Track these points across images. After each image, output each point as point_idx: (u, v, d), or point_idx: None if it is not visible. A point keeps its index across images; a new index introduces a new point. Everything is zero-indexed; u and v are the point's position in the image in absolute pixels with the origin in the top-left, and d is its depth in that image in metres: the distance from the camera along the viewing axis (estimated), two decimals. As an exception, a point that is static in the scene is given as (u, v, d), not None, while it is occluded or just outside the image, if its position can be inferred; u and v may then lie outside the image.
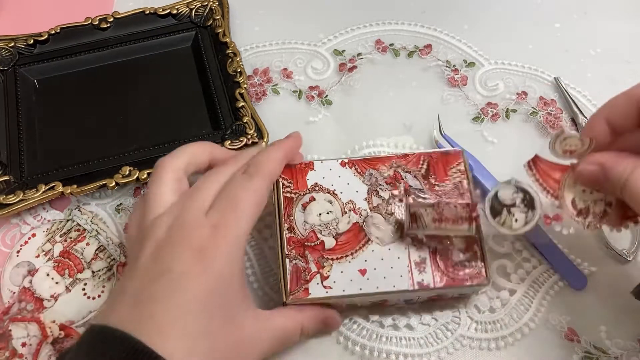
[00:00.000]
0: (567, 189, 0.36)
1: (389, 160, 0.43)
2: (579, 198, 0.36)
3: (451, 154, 0.43)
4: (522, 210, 0.36)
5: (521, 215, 0.36)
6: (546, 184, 0.37)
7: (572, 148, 0.36)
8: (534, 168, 0.37)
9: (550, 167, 0.37)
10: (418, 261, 0.39)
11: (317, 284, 0.39)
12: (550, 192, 0.37)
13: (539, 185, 0.37)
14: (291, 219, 0.41)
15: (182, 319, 0.32)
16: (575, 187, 0.36)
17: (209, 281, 0.34)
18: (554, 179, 0.37)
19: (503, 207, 0.37)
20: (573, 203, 0.36)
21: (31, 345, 0.43)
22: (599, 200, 0.36)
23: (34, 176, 0.49)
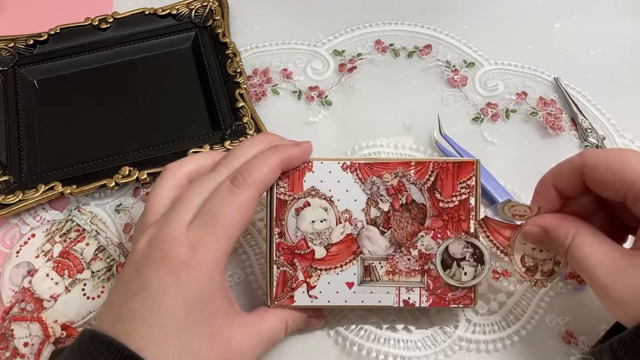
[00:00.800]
0: (517, 246, 0.38)
1: (395, 167, 0.39)
2: (529, 256, 0.38)
3: (465, 164, 0.39)
4: (472, 264, 0.38)
5: (470, 269, 0.38)
6: (496, 241, 0.38)
7: (521, 213, 0.37)
8: (484, 226, 0.38)
9: (500, 225, 0.38)
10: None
11: (303, 292, 0.39)
12: (499, 248, 0.38)
13: (489, 242, 0.38)
14: (283, 224, 0.39)
15: (160, 337, 0.32)
16: (525, 245, 0.38)
17: (186, 300, 0.33)
18: (504, 236, 0.38)
19: (453, 260, 0.38)
20: (522, 260, 0.38)
21: (33, 345, 0.43)
22: (548, 260, 0.37)
23: (34, 176, 0.49)
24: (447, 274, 0.38)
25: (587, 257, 0.32)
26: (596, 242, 0.33)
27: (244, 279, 0.45)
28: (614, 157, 0.33)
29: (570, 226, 0.34)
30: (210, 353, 0.34)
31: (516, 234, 0.38)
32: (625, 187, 0.32)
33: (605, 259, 0.31)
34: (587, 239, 0.33)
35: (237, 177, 0.36)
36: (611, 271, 0.31)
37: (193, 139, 0.51)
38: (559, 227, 0.34)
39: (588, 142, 0.50)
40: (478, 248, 0.38)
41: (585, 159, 0.34)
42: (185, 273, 0.33)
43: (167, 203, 0.37)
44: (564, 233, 0.34)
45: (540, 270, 0.37)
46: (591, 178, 0.34)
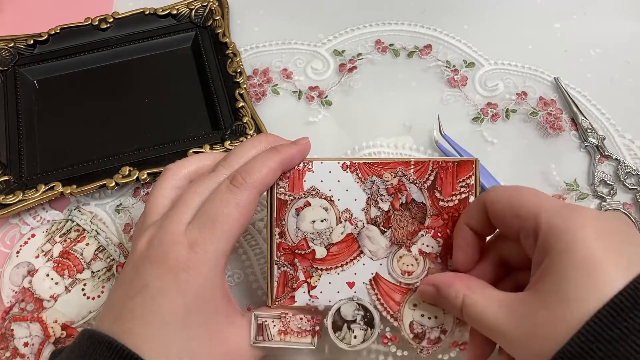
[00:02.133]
0: (406, 312, 0.38)
1: (395, 166, 0.39)
2: (417, 322, 0.38)
3: (464, 163, 0.39)
4: (362, 327, 0.38)
5: (360, 332, 0.38)
6: (386, 304, 0.38)
7: (410, 269, 0.38)
8: (376, 287, 0.39)
9: (390, 287, 0.39)
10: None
11: (304, 292, 0.39)
12: (389, 312, 0.38)
13: (380, 305, 0.38)
14: (283, 224, 0.39)
15: (160, 337, 0.32)
16: (415, 311, 0.38)
17: (186, 301, 0.33)
18: (394, 300, 0.38)
19: (344, 322, 0.38)
20: (411, 326, 0.38)
21: (33, 345, 0.43)
22: (436, 327, 0.38)
23: (34, 176, 0.49)
24: (337, 337, 0.38)
25: (483, 313, 0.32)
26: (487, 296, 0.32)
27: (244, 279, 0.45)
28: (512, 192, 0.34)
29: (461, 284, 0.34)
30: (210, 353, 0.34)
31: (406, 299, 0.38)
32: (518, 223, 0.33)
33: (500, 309, 0.31)
34: (479, 295, 0.33)
35: (236, 178, 0.36)
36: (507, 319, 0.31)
37: (193, 139, 0.51)
38: (450, 285, 0.34)
39: (588, 142, 0.50)
40: (369, 311, 0.38)
41: (488, 195, 0.35)
42: (185, 273, 0.33)
43: (167, 203, 0.37)
44: (453, 292, 0.34)
45: (427, 337, 0.37)
46: (492, 213, 0.34)
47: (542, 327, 0.29)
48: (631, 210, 0.47)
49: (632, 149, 0.50)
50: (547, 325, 0.29)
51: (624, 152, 0.50)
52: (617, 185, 0.48)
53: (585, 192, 0.48)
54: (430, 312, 0.38)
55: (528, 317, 0.30)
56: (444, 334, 0.38)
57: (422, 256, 0.38)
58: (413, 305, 0.38)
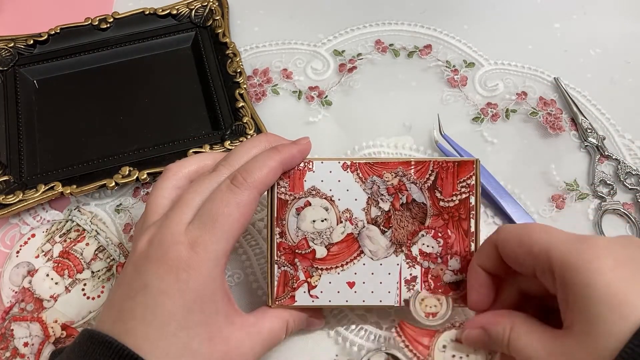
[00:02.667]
0: (437, 354, 0.37)
1: (395, 166, 0.39)
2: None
3: (464, 163, 0.39)
4: None
5: None
6: (415, 350, 0.38)
7: (433, 310, 0.38)
8: (402, 334, 0.38)
9: (417, 332, 0.38)
10: (408, 279, 0.39)
11: (304, 292, 0.39)
12: (419, 357, 0.37)
13: (409, 352, 0.38)
14: (283, 224, 0.39)
15: (160, 336, 0.32)
16: (445, 353, 0.37)
17: (186, 300, 0.33)
18: (423, 344, 0.38)
19: None
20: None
21: (33, 345, 0.43)
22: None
23: (34, 176, 0.49)
24: None
25: (526, 348, 0.32)
26: (531, 330, 0.32)
27: (244, 279, 0.45)
28: (522, 231, 0.33)
29: (505, 320, 0.34)
30: (210, 353, 0.34)
31: (434, 342, 0.37)
32: (532, 260, 0.32)
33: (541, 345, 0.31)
34: (523, 329, 0.33)
35: (237, 177, 0.36)
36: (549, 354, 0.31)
37: (193, 139, 0.51)
38: (496, 323, 0.34)
39: (588, 142, 0.50)
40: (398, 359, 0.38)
41: (499, 234, 0.35)
42: (185, 273, 0.33)
43: (168, 203, 0.37)
44: (501, 328, 0.33)
45: None
46: (504, 254, 0.34)
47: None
48: (631, 210, 0.47)
49: (632, 149, 0.50)
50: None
51: (624, 152, 0.50)
52: (617, 185, 0.48)
53: (585, 192, 0.48)
54: (460, 351, 0.37)
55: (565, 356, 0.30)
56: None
57: (444, 296, 0.38)
58: (442, 347, 0.37)
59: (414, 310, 0.38)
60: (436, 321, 0.38)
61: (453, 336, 0.37)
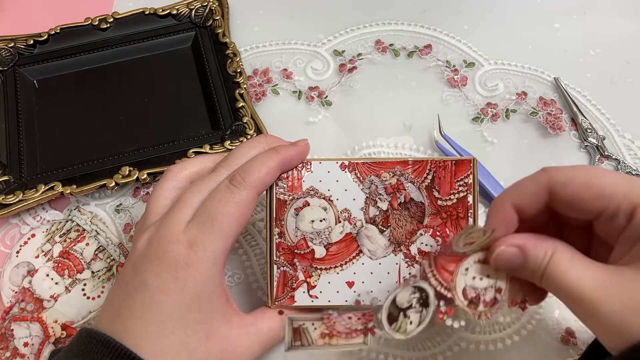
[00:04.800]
0: (459, 278, 0.35)
1: (393, 166, 0.39)
2: (470, 287, 0.34)
3: (462, 163, 0.39)
4: (417, 310, 0.34)
5: (415, 316, 0.34)
6: (441, 277, 0.35)
7: (473, 240, 0.34)
8: (433, 265, 0.35)
9: (447, 260, 0.35)
10: (407, 278, 0.39)
11: (304, 292, 0.39)
12: (443, 285, 0.35)
13: (435, 280, 0.35)
14: (282, 224, 0.39)
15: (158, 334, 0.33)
16: (466, 275, 0.35)
17: (184, 299, 0.33)
18: (448, 270, 0.35)
19: (400, 311, 0.34)
20: (464, 292, 0.34)
21: (33, 345, 0.43)
22: (489, 288, 0.34)
23: (34, 176, 0.49)
24: (393, 329, 0.34)
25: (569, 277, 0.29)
26: (577, 258, 0.30)
27: (244, 279, 0.45)
28: (587, 173, 0.31)
29: (547, 244, 0.31)
30: (208, 351, 0.34)
31: (459, 266, 0.35)
32: (601, 204, 0.30)
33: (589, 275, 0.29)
34: (566, 255, 0.30)
35: (235, 177, 0.36)
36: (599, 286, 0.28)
37: (193, 139, 0.51)
38: (536, 245, 0.31)
39: (588, 142, 0.50)
40: (424, 290, 0.35)
41: (554, 176, 0.32)
42: (184, 271, 0.33)
43: (168, 204, 0.38)
44: (542, 252, 0.30)
45: (482, 300, 0.34)
46: (562, 196, 0.31)
47: None
48: (631, 210, 0.47)
49: (632, 149, 0.50)
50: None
51: (624, 152, 0.50)
52: (617, 185, 0.48)
53: (585, 192, 0.48)
54: (481, 272, 0.34)
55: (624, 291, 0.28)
56: (499, 292, 0.34)
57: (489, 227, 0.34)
58: (465, 270, 0.34)
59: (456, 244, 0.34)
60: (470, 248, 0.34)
61: (477, 258, 0.34)
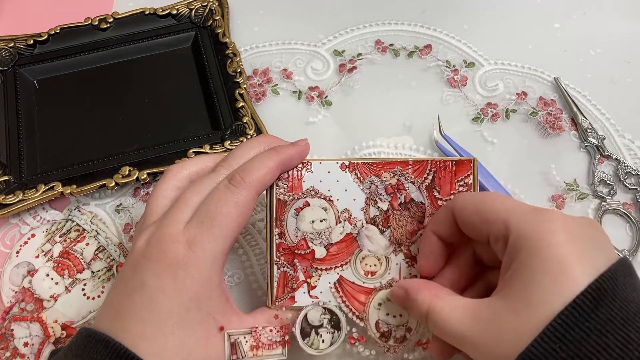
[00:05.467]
0: (371, 311, 0.38)
1: (393, 166, 0.40)
2: (383, 321, 0.38)
3: (462, 163, 0.39)
4: (329, 331, 0.38)
5: (327, 336, 0.38)
6: (352, 305, 0.39)
7: (372, 269, 0.39)
8: (340, 290, 0.39)
9: (355, 289, 0.39)
10: (408, 278, 0.39)
11: (304, 292, 0.39)
12: (355, 313, 0.39)
13: (345, 307, 0.39)
14: (282, 224, 0.39)
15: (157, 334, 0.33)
16: (380, 311, 0.38)
17: (183, 299, 0.33)
18: (359, 301, 0.39)
19: (312, 328, 0.38)
20: (377, 325, 0.38)
21: (33, 345, 0.43)
22: (401, 326, 0.38)
23: (34, 176, 0.49)
24: (306, 343, 0.38)
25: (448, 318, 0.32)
26: (454, 303, 0.33)
27: (244, 279, 0.45)
28: (479, 199, 0.34)
29: (428, 291, 0.34)
30: (207, 351, 0.34)
31: (371, 299, 0.39)
32: (487, 228, 0.33)
33: (466, 315, 0.32)
34: (445, 301, 0.33)
35: (235, 177, 0.36)
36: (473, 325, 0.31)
37: (193, 139, 0.51)
38: (418, 290, 0.35)
39: (588, 142, 0.50)
40: (335, 314, 0.38)
41: (455, 202, 0.35)
42: (183, 271, 0.33)
43: (167, 203, 0.38)
44: (421, 297, 0.34)
45: (393, 336, 0.38)
46: (460, 220, 0.35)
47: (507, 332, 0.29)
48: (631, 210, 0.47)
49: (632, 149, 0.50)
50: (512, 330, 0.29)
51: (624, 152, 0.50)
52: (617, 185, 0.48)
53: (585, 192, 0.48)
54: (394, 310, 0.38)
55: (493, 322, 0.30)
56: (409, 332, 0.38)
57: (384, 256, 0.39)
58: (378, 305, 0.39)
59: (354, 269, 0.39)
60: (374, 280, 0.39)
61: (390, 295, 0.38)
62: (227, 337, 0.36)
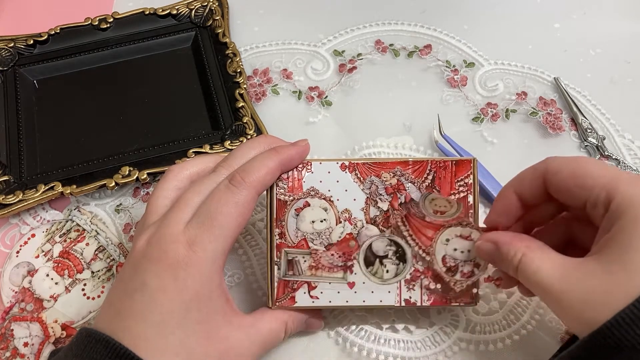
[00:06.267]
0: (438, 246, 0.38)
1: (393, 166, 0.39)
2: (450, 256, 0.38)
3: (462, 163, 0.39)
4: (394, 262, 0.39)
5: (392, 267, 0.39)
6: (418, 240, 0.39)
7: (442, 209, 0.39)
8: (407, 224, 0.39)
9: (423, 224, 0.39)
10: (408, 278, 0.39)
11: (304, 293, 0.39)
12: (422, 247, 0.39)
13: (412, 240, 0.39)
14: (283, 225, 0.39)
15: (157, 334, 0.33)
16: (447, 246, 0.38)
17: (184, 299, 0.33)
18: (427, 236, 0.39)
19: (376, 257, 0.39)
20: (443, 260, 0.39)
21: (33, 345, 0.43)
22: (469, 261, 0.38)
23: (34, 176, 0.49)
24: (370, 271, 0.38)
25: (538, 271, 0.32)
26: (545, 256, 0.33)
27: (244, 279, 0.45)
28: (575, 163, 0.34)
29: (519, 243, 0.34)
30: (207, 352, 0.34)
31: (439, 235, 0.39)
32: (584, 193, 0.33)
33: (555, 270, 0.31)
34: (536, 254, 0.33)
35: (235, 177, 0.36)
36: (561, 281, 0.31)
37: (193, 139, 0.51)
38: (509, 243, 0.34)
39: (588, 142, 0.50)
40: (401, 246, 0.38)
41: (548, 165, 0.35)
42: (183, 271, 0.33)
43: (168, 204, 0.38)
44: (513, 250, 0.34)
45: (460, 271, 0.38)
46: (553, 184, 0.34)
47: (599, 294, 0.29)
48: (631, 210, 0.47)
49: (632, 149, 0.50)
50: (605, 292, 0.29)
51: (624, 152, 0.50)
52: (617, 186, 0.48)
53: (585, 192, 0.48)
54: (463, 246, 0.38)
55: (585, 282, 0.30)
56: (477, 267, 0.38)
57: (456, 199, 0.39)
58: (446, 240, 0.38)
59: (423, 207, 0.39)
60: (444, 217, 0.38)
61: (458, 232, 0.38)
62: (285, 254, 0.38)
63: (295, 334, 0.41)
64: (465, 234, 0.38)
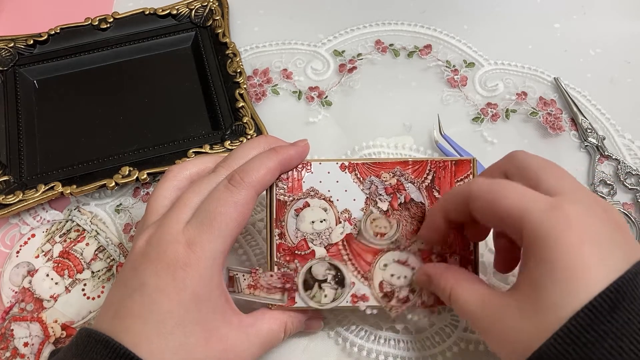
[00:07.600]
0: (376, 271, 0.39)
1: (393, 166, 0.39)
2: (387, 282, 0.39)
3: (462, 163, 0.39)
4: (332, 286, 0.39)
5: (331, 292, 0.39)
6: (357, 264, 0.39)
7: (382, 231, 0.39)
8: (348, 247, 0.39)
9: (362, 249, 0.39)
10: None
11: None
12: (360, 272, 0.39)
13: (351, 265, 0.39)
14: (283, 225, 0.39)
15: (157, 334, 0.33)
16: (385, 271, 0.39)
17: (183, 299, 0.33)
18: (366, 260, 0.39)
19: (315, 281, 0.39)
20: (380, 285, 0.39)
21: (33, 345, 0.43)
22: (404, 287, 0.38)
23: (34, 176, 0.49)
24: (308, 295, 0.38)
25: (465, 304, 0.34)
26: (473, 288, 0.34)
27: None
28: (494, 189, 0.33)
29: (450, 277, 0.35)
30: (206, 352, 0.34)
31: (377, 260, 0.39)
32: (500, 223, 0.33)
33: (479, 303, 0.33)
34: (465, 287, 0.34)
35: (234, 177, 0.36)
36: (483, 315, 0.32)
37: (193, 139, 0.51)
38: (440, 276, 0.36)
39: (588, 142, 0.50)
40: (340, 271, 0.39)
41: (471, 190, 0.34)
42: (182, 271, 0.33)
43: (168, 204, 0.38)
44: (444, 282, 0.35)
45: (396, 297, 0.38)
46: (474, 210, 0.34)
47: (516, 333, 0.30)
48: (631, 210, 0.47)
49: (632, 149, 0.50)
50: (520, 331, 0.30)
51: (624, 152, 0.50)
52: (617, 185, 0.48)
53: (585, 192, 0.48)
54: (399, 272, 0.39)
55: (503, 319, 0.31)
56: (413, 293, 0.38)
57: (396, 220, 0.39)
58: (383, 265, 0.39)
59: (364, 228, 0.39)
60: (384, 241, 0.39)
61: (396, 257, 0.39)
62: (227, 270, 0.38)
63: (295, 334, 0.41)
64: (402, 258, 0.39)
